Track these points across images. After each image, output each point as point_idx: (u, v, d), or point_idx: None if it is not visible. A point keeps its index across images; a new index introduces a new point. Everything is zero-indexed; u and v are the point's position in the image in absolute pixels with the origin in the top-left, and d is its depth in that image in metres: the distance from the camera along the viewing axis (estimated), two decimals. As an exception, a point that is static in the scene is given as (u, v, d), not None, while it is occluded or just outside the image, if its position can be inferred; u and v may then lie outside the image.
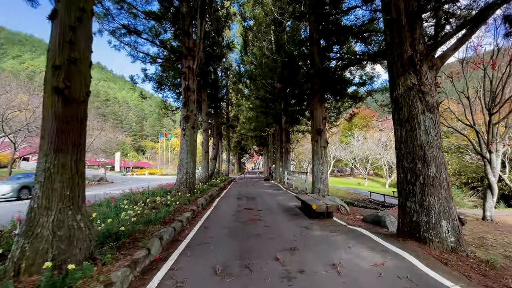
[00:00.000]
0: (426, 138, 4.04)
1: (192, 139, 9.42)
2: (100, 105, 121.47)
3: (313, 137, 10.82)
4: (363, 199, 16.30)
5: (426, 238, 3.82)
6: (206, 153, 13.45)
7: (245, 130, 34.54)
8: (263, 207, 7.77)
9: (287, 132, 17.91)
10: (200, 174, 13.47)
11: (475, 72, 10.87)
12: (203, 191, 10.47)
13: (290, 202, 8.97)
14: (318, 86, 11.05)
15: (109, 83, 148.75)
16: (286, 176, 16.67)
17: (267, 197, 10.23)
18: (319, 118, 10.85)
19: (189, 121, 9.40)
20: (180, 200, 7.56)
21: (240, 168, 52.62)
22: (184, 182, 9.05)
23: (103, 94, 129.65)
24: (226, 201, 9.16)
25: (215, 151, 17.90)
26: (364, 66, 12.97)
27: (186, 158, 9.20)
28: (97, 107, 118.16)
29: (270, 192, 12.47)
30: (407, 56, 4.32)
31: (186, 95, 9.55)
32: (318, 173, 10.48)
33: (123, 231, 3.84)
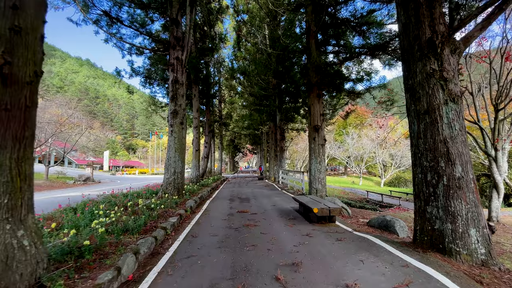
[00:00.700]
0: (449, 132, 3.47)
1: (180, 136, 8.69)
2: (89, 103, 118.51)
3: (310, 134, 10.24)
4: (360, 199, 15.90)
5: (452, 249, 3.25)
6: (196, 152, 12.71)
7: (238, 128, 33.82)
8: (258, 210, 7.13)
9: (281, 130, 17.32)
10: (191, 174, 12.73)
11: (476, 67, 10.50)
12: (193, 192, 9.75)
13: (286, 203, 8.36)
14: (316, 81, 10.49)
15: (98, 80, 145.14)
16: (281, 175, 16.09)
17: (262, 198, 9.60)
18: (316, 114, 10.30)
19: (177, 117, 8.66)
20: (166, 203, 6.84)
21: (234, 167, 51.87)
22: (171, 182, 8.32)
23: (93, 91, 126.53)
24: (218, 203, 8.47)
25: (207, 149, 17.15)
26: (361, 62, 12.49)
27: (174, 157, 8.47)
28: (86, 105, 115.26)
29: (265, 192, 11.85)
30: (426, 38, 3.73)
31: (174, 88, 8.81)
32: (315, 172, 9.92)
33: (87, 246, 3.12)
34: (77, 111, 28.21)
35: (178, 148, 8.56)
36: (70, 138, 26.90)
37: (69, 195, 12.33)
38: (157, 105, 15.87)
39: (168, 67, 9.07)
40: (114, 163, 65.29)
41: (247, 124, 32.99)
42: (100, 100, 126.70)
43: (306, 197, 6.97)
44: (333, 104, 16.73)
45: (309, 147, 10.27)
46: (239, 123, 32.52)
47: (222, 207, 7.68)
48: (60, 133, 23.51)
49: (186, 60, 9.30)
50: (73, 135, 26.53)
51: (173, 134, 8.58)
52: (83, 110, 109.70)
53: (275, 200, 9.09)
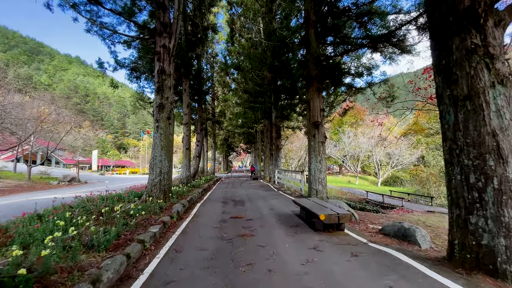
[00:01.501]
0: (499, 122, 2.75)
1: (167, 132, 7.82)
2: (79, 101, 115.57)
3: (309, 131, 9.51)
4: (359, 199, 15.31)
5: (507, 272, 2.53)
6: (187, 150, 11.83)
7: (232, 126, 32.97)
8: (254, 215, 6.34)
9: (277, 128, 16.58)
10: (181, 174, 11.84)
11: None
12: (182, 194, 8.89)
13: (285, 206, 7.60)
14: (316, 73, 9.75)
15: (89, 78, 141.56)
16: (277, 175, 15.34)
17: (258, 201, 8.81)
18: (316, 110, 9.56)
19: (163, 111, 7.78)
20: (149, 208, 5.99)
21: (227, 167, 50.97)
22: (157, 184, 7.44)
23: (82, 89, 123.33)
24: (209, 207, 7.64)
25: (199, 148, 16.25)
26: (361, 56, 11.84)
27: (160, 156, 7.59)
28: (75, 103, 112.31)
29: (261, 193, 11.07)
30: (465, 6, 3.00)
31: (160, 79, 7.92)
32: (315, 172, 9.19)
33: (24, 276, 2.27)
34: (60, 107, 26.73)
35: (164, 146, 7.68)
36: (56, 136, 25.64)
37: (47, 197, 11.28)
38: (145, 101, 14.90)
39: (154, 56, 8.17)
40: (104, 162, 63.59)
41: (241, 123, 32.17)
42: (90, 98, 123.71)
43: (308, 200, 6.22)
44: (330, 101, 16.08)
45: (308, 145, 9.53)
46: (233, 121, 31.66)
47: (214, 212, 6.86)
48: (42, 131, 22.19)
49: (174, 49, 8.42)
50: (60, 133, 25.30)
51: (159, 131, 7.70)
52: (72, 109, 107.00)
53: (272, 203, 8.31)
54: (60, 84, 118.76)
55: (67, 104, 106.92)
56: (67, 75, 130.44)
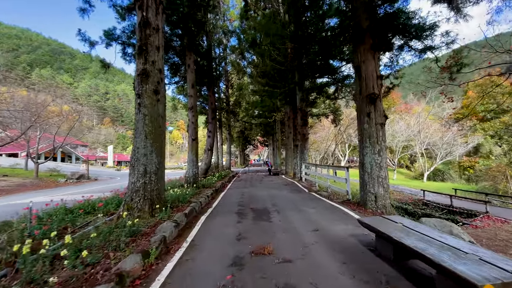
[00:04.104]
0: None
1: (154, 113, 5.30)
2: (99, 98, 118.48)
3: (361, 109, 6.62)
4: (413, 200, 12.17)
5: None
6: (194, 141, 9.36)
7: (248, 117, 30.31)
8: (291, 247, 3.67)
9: (303, 113, 13.67)
10: (187, 172, 9.43)
11: None
12: (183, 200, 6.39)
13: (336, 223, 4.86)
14: (368, 25, 6.81)
15: (108, 76, 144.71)
16: (304, 171, 12.54)
17: (288, 210, 6.13)
18: (371, 77, 6.66)
19: (148, 81, 5.25)
20: (115, 233, 3.54)
21: (244, 161, 48.71)
22: (140, 190, 4.98)
23: (103, 87, 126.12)
24: (217, 225, 5.06)
25: (211, 139, 13.80)
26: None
27: (143, 147, 5.10)
28: (96, 101, 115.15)
29: (288, 196, 8.39)
30: None
31: (143, 35, 5.38)
32: (372, 167, 6.35)
33: None
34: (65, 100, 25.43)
35: (150, 132, 5.18)
36: (73, 132, 24.53)
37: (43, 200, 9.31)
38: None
39: (135, 3, 5.62)
40: (123, 158, 63.80)
41: (258, 112, 29.42)
42: (110, 95, 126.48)
43: (391, 222, 3.42)
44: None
45: (360, 129, 6.65)
46: (249, 111, 28.98)
47: (223, 237, 4.27)
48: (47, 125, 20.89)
49: (164, -6, 5.84)
50: (79, 130, 24.24)
51: (142, 110, 5.19)
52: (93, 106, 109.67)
53: (312, 216, 5.58)
54: (81, 83, 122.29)
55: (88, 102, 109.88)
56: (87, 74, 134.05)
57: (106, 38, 9.34)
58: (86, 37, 8.70)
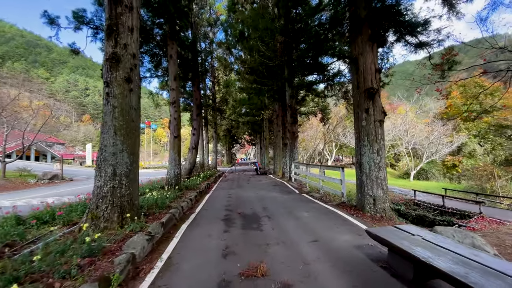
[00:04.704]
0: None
1: (126, 104, 4.51)
2: (78, 94, 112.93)
3: (358, 104, 6.14)
4: (404, 201, 12.00)
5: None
6: (175, 139, 8.56)
7: (235, 115, 29.55)
8: (290, 265, 3.06)
9: (293, 111, 13.16)
10: (168, 173, 8.62)
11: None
12: (161, 206, 5.62)
13: (335, 230, 4.31)
14: (367, 14, 6.36)
15: (88, 71, 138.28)
16: (294, 170, 12.04)
17: (281, 215, 5.53)
18: (369, 70, 6.19)
19: (118, 67, 4.46)
20: (72, 249, 2.77)
21: (231, 160, 47.88)
22: (108, 195, 4.19)
23: (82, 82, 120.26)
24: (200, 236, 4.35)
25: (196, 137, 12.98)
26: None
27: (112, 145, 4.31)
28: (74, 97, 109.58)
29: (279, 198, 7.81)
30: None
31: (113, 12, 4.58)
32: (371, 168, 5.88)
33: None
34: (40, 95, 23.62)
35: (121, 127, 4.39)
36: (54, 130, 22.72)
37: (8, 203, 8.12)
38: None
39: (103, -24, 4.79)
40: (103, 157, 60.85)
41: (245, 110, 28.73)
42: (89, 91, 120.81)
43: (408, 236, 2.89)
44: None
45: (356, 126, 6.16)
46: (236, 109, 28.22)
47: (207, 252, 3.59)
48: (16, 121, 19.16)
49: (139, -33, 5.04)
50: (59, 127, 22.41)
51: (111, 101, 4.39)
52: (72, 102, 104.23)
53: (306, 221, 5.02)
54: (58, 78, 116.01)
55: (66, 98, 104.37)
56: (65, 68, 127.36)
57: (75, 20, 8.32)
58: (51, 17, 7.64)
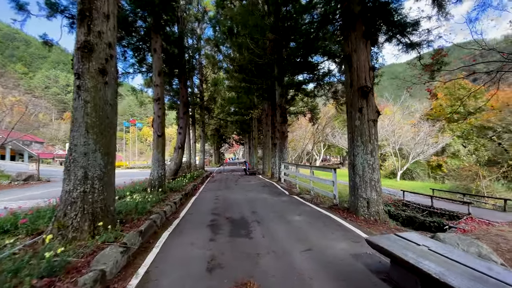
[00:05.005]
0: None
1: (100, 99, 4.04)
2: (59, 91, 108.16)
3: (351, 103, 5.92)
4: (393, 201, 12.00)
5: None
6: (159, 138, 8.05)
7: (224, 114, 29.04)
8: (283, 280, 2.74)
9: (283, 110, 12.89)
10: (151, 174, 8.10)
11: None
12: (141, 211, 5.15)
13: (329, 236, 4.04)
14: (361, 10, 6.16)
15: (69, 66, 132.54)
16: (284, 171, 11.78)
17: (271, 220, 5.21)
18: (363, 68, 6.00)
19: (91, 57, 3.98)
20: (30, 266, 2.31)
21: (219, 159, 47.25)
22: (78, 201, 3.71)
23: (63, 78, 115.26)
24: (182, 247, 3.95)
25: (182, 136, 12.45)
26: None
27: (84, 144, 3.84)
28: (55, 93, 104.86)
29: (268, 200, 7.50)
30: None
31: (85, -4, 4.08)
32: (365, 169, 5.68)
33: None
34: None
35: (93, 125, 3.92)
36: (30, 127, 21.29)
37: None
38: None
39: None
40: (85, 156, 58.58)
41: (234, 109, 28.28)
42: (71, 88, 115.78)
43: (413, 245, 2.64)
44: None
45: (350, 125, 5.94)
46: (224, 108, 27.71)
47: (190, 266, 3.21)
48: None
49: None
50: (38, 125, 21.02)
51: (83, 95, 3.91)
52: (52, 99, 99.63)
53: (298, 226, 4.72)
54: (37, 73, 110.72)
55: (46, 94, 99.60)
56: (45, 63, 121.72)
57: (48, 7, 7.63)
58: (20, 2, 6.94)
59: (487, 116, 20.36)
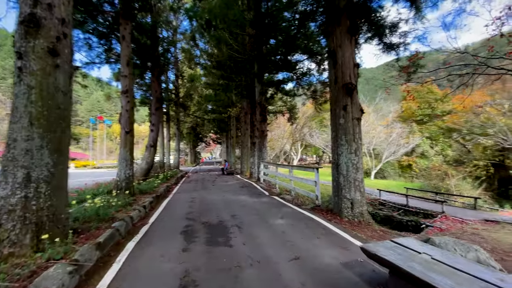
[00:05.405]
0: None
1: (50, 85, 3.34)
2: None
3: (335, 100, 5.72)
4: (369, 200, 12.16)
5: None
6: (127, 135, 7.26)
7: (201, 112, 28.12)
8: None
9: (262, 108, 12.56)
10: (117, 174, 7.29)
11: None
12: (103, 218, 4.46)
13: (317, 242, 3.73)
14: (346, 4, 6.00)
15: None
16: (263, 171, 11.45)
17: (254, 226, 4.81)
18: (348, 64, 5.83)
19: (38, 34, 3.29)
20: None
21: (195, 159, 45.90)
22: (17, 209, 2.99)
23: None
24: (150, 261, 3.40)
25: (154, 134, 11.58)
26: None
27: (26, 139, 3.13)
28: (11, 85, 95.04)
29: (248, 202, 7.10)
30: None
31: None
32: (349, 169, 5.51)
33: None
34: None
35: (40, 116, 3.22)
36: None
37: None
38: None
39: None
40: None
41: (212, 107, 27.46)
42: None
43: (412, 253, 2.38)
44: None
45: (334, 123, 5.74)
46: (201, 105, 26.80)
47: (158, 284, 2.71)
48: None
49: None
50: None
51: (26, 79, 3.20)
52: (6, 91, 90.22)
53: (282, 231, 4.38)
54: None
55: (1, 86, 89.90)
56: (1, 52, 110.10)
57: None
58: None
59: (455, 118, 21.94)
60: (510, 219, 7.39)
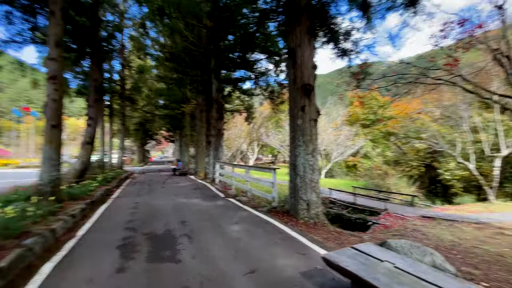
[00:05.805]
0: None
1: None
2: None
3: (294, 101, 5.65)
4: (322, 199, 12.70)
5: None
6: (54, 129, 5.98)
7: (151, 106, 26.00)
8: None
9: (219, 105, 12.04)
10: (40, 176, 5.99)
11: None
12: (10, 235, 3.48)
13: (274, 250, 3.50)
14: (306, 4, 5.99)
15: None
16: (219, 171, 10.95)
17: (207, 234, 4.36)
18: (306, 65, 5.82)
19: None
20: None
21: (144, 158, 42.46)
22: None
23: None
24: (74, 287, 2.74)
25: (92, 129, 10.05)
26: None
27: None
28: None
29: (202, 206, 6.58)
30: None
31: None
32: (306, 170, 5.50)
33: None
34: None
35: None
36: None
37: None
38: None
39: None
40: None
41: (164, 103, 25.61)
42: None
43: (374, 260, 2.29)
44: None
45: (292, 125, 5.66)
46: (152, 99, 24.77)
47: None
48: None
49: None
50: None
51: None
52: None
53: (237, 238, 4.05)
54: None
55: None
56: None
57: None
58: None
59: (394, 123, 24.91)
60: (443, 215, 8.46)
